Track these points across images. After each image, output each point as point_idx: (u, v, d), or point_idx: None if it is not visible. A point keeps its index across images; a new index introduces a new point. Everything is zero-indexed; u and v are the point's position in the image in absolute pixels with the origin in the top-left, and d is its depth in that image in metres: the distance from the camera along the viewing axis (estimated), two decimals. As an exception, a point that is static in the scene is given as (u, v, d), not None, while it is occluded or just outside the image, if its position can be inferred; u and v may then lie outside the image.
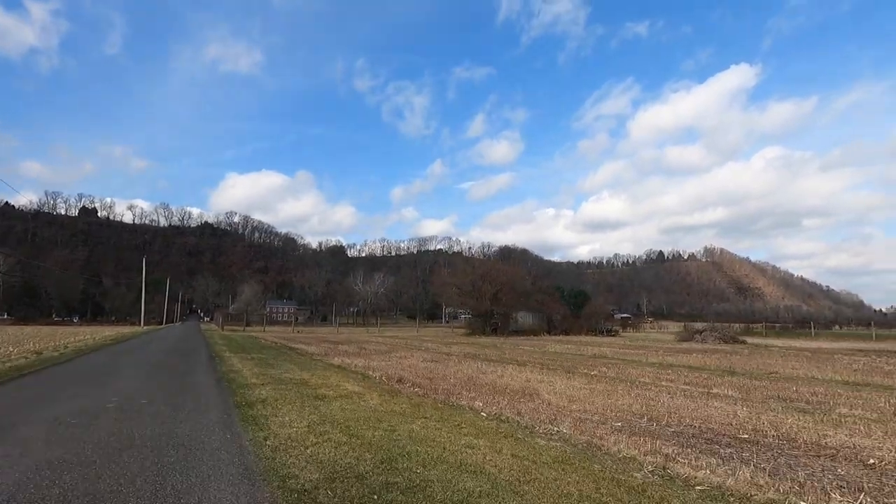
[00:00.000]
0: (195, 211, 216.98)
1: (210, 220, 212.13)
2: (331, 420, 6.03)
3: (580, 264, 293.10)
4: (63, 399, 7.20)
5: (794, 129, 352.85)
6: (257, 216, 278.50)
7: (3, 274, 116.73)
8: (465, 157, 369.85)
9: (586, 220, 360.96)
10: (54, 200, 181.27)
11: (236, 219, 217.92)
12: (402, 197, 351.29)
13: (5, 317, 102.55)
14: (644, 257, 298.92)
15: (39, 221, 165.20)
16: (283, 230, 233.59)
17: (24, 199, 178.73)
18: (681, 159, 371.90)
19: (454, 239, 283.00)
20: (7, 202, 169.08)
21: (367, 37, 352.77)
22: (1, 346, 20.04)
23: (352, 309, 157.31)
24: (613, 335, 48.76)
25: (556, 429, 5.87)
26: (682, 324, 67.56)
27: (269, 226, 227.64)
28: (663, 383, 10.94)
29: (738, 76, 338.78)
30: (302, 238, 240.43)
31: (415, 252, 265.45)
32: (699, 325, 43.98)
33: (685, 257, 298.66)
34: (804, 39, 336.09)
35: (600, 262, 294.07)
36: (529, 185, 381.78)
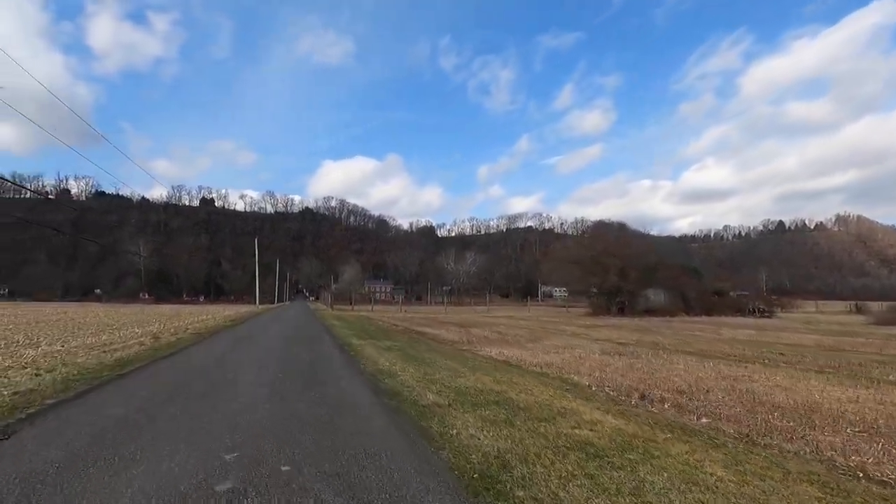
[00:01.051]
0: (297, 198, 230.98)
1: (310, 206, 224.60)
2: None
3: (683, 238, 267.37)
4: (148, 444, 4.04)
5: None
6: (352, 200, 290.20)
7: (145, 258, 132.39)
8: (552, 131, 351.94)
9: (687, 190, 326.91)
10: (179, 193, 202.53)
11: (333, 203, 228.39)
12: (488, 175, 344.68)
13: (146, 297, 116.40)
14: (760, 228, 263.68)
15: (169, 213, 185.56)
16: (375, 213, 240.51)
17: (157, 193, 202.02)
18: (803, 116, 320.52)
19: (545, 215, 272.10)
20: (143, 196, 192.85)
21: (451, 14, 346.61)
22: (127, 326, 19.34)
23: (444, 288, 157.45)
24: (768, 316, 40.60)
25: None
26: (849, 303, 55.85)
27: (362, 209, 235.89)
28: None
29: (881, 12, 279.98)
30: (394, 220, 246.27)
31: (504, 230, 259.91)
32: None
33: (811, 227, 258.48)
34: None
35: (706, 236, 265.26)
36: (622, 155, 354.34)
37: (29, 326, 19.44)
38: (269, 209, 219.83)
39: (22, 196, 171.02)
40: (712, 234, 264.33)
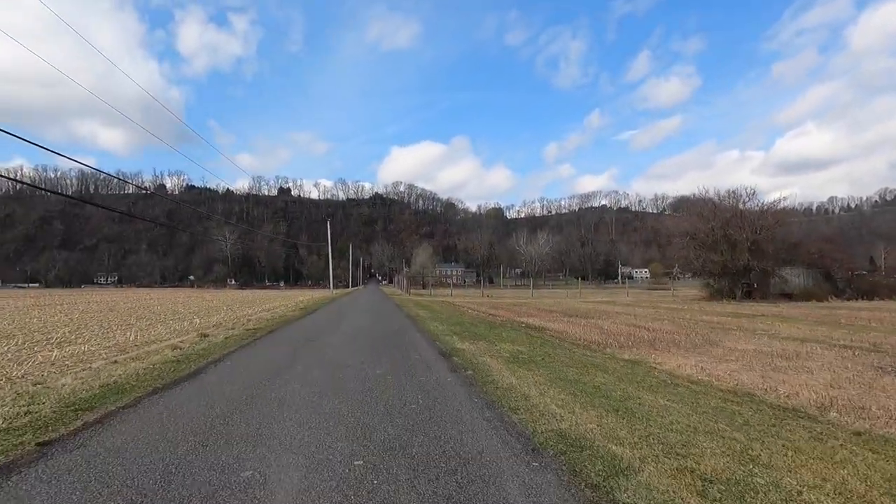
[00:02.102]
0: (367, 185, 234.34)
1: (379, 192, 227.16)
2: None
3: (780, 213, 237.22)
4: None
5: None
6: (420, 185, 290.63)
7: (230, 246, 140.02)
8: (626, 103, 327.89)
9: (781, 160, 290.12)
10: (259, 184, 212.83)
11: (402, 188, 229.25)
12: (557, 154, 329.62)
13: (232, 282, 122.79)
14: (875, 199, 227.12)
15: (250, 202, 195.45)
16: (443, 196, 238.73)
17: (239, 185, 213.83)
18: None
19: (620, 192, 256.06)
20: (229, 188, 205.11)
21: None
22: (187, 317, 16.81)
23: (516, 270, 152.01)
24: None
25: None
26: None
27: (431, 192, 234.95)
28: None
29: None
30: (462, 202, 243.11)
31: (576, 209, 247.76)
32: None
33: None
34: None
35: (807, 209, 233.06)
36: (705, 125, 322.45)
37: (86, 316, 17.66)
38: (341, 196, 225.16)
39: (125, 192, 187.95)
40: (814, 208, 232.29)
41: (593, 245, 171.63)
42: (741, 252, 30.79)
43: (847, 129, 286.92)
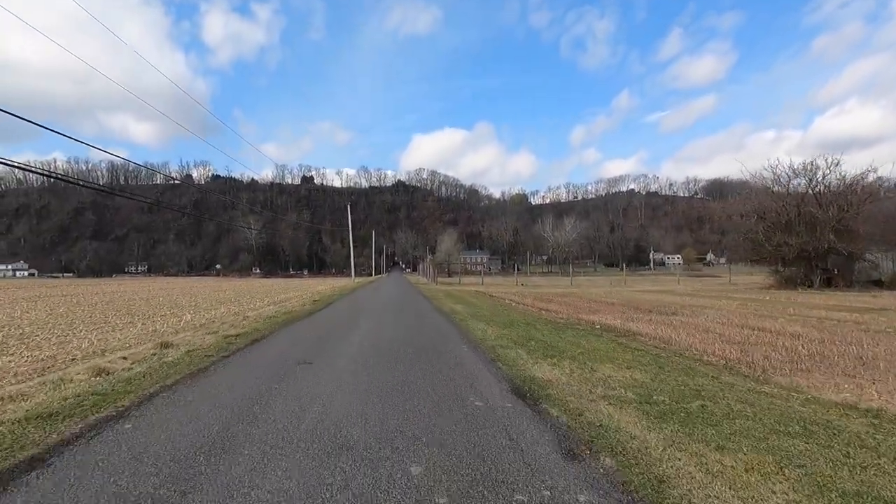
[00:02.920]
0: (389, 172, 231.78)
1: (402, 179, 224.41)
2: None
3: (871, 186, 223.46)
4: None
5: None
6: (442, 171, 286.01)
7: (255, 235, 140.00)
8: (656, 83, 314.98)
9: (820, 139, 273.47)
10: (283, 173, 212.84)
11: (424, 175, 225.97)
12: (583, 138, 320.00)
13: (257, 271, 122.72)
14: None
15: (274, 191, 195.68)
16: (466, 183, 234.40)
17: (264, 174, 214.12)
18: None
19: (650, 176, 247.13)
20: (253, 178, 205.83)
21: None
22: (179, 313, 14.05)
23: (542, 257, 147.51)
24: None
25: None
26: None
27: (454, 179, 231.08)
28: None
29: None
30: (485, 188, 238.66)
31: (603, 194, 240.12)
32: None
33: None
34: None
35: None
36: (739, 105, 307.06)
37: (76, 310, 15.12)
38: (364, 184, 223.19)
39: (153, 182, 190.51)
40: (859, 189, 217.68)
41: (623, 230, 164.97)
42: (823, 233, 26.37)
43: (893, 105, 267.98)
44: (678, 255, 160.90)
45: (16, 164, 12.23)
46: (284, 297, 21.51)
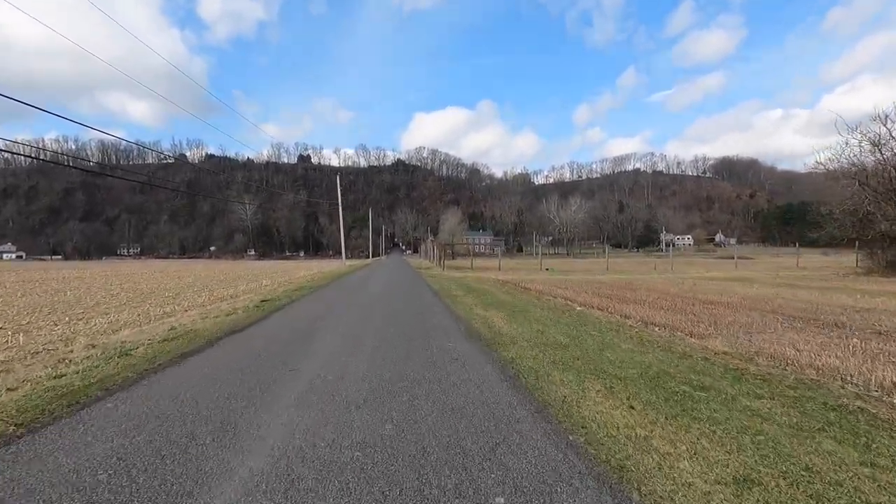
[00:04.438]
0: (389, 152, 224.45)
1: (402, 158, 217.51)
2: None
3: (833, 173, 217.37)
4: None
5: None
6: (444, 150, 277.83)
7: (250, 215, 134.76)
8: (662, 60, 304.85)
9: (830, 118, 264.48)
10: (279, 152, 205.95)
11: (425, 153, 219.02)
12: (587, 117, 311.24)
13: (251, 253, 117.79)
14: None
15: (270, 171, 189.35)
16: (468, 162, 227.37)
17: (261, 154, 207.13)
18: None
19: (658, 155, 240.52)
20: (249, 157, 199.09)
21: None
22: (127, 307, 9.12)
23: (548, 238, 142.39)
24: None
25: None
26: None
27: (455, 158, 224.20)
28: None
29: None
30: (487, 168, 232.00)
31: (609, 173, 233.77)
32: None
33: None
34: None
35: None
36: (748, 83, 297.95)
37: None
38: (363, 163, 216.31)
39: (145, 162, 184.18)
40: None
41: (631, 211, 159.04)
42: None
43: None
44: (688, 236, 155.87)
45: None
46: (256, 285, 16.58)
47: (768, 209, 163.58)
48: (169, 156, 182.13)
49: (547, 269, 26.37)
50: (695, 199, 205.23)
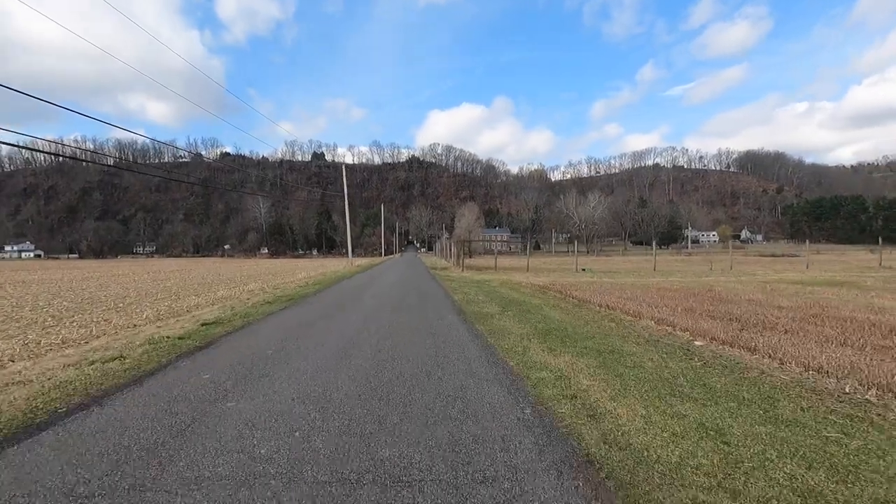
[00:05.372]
0: (403, 150, 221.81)
1: (416, 155, 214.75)
2: None
3: (859, 168, 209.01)
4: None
5: None
6: (458, 147, 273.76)
7: (264, 213, 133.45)
8: (682, 53, 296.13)
9: (856, 110, 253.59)
10: (293, 150, 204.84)
11: (439, 150, 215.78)
12: (604, 112, 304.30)
13: (264, 251, 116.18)
14: None
15: (284, 168, 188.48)
16: (483, 159, 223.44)
17: (275, 152, 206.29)
18: None
19: (679, 149, 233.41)
20: (263, 155, 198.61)
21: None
22: (111, 311, 6.26)
23: (565, 235, 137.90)
24: None
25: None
26: None
27: (470, 154, 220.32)
28: None
29: None
30: (503, 164, 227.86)
31: (628, 168, 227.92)
32: None
33: None
34: None
35: (890, 164, 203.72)
36: (771, 75, 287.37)
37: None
38: (377, 160, 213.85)
39: (161, 161, 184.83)
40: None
41: (653, 207, 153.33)
42: None
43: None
44: (713, 233, 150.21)
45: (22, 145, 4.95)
46: (244, 289, 13.77)
47: (797, 204, 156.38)
48: (185, 153, 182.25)
49: (583, 270, 23.04)
50: (718, 194, 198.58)
